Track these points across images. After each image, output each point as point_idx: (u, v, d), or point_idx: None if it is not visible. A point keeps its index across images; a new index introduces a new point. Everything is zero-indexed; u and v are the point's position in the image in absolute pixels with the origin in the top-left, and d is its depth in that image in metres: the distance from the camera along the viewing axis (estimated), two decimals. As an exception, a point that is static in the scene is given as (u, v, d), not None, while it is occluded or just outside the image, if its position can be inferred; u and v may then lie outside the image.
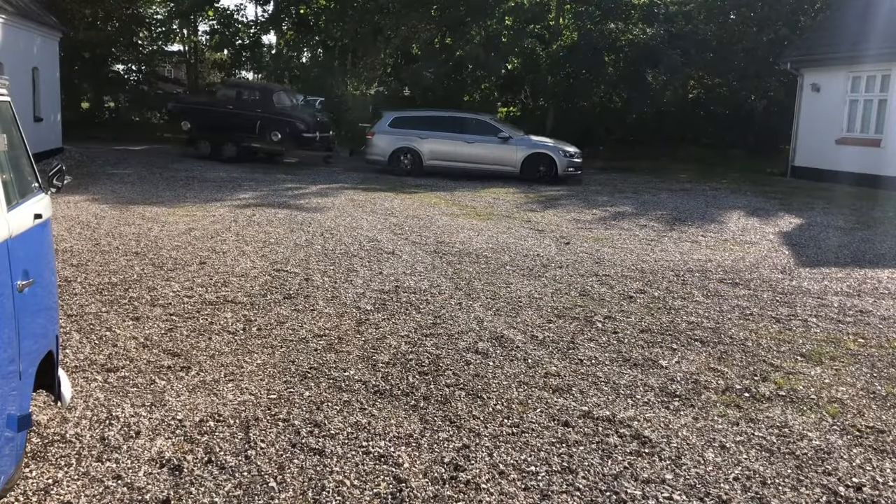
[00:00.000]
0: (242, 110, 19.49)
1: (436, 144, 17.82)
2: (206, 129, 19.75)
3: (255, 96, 19.92)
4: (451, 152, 17.76)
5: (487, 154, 17.68)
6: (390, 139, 18.04)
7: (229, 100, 19.93)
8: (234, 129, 19.47)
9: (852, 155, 18.07)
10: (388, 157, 18.01)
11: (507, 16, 28.89)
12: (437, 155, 17.85)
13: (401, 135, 18.04)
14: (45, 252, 3.76)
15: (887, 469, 3.88)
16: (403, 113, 19.24)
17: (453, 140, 17.77)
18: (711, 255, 9.36)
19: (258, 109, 19.46)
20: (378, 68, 28.04)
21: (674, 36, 26.35)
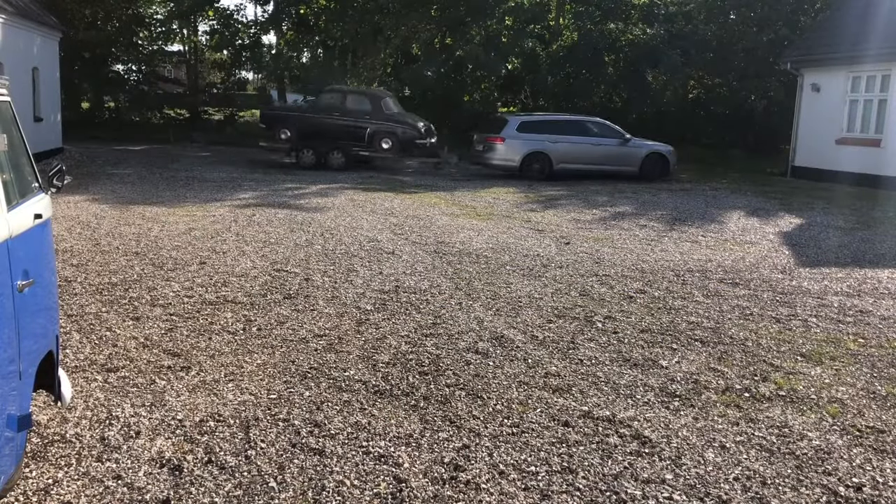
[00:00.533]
0: (350, 118, 18.67)
1: (565, 148, 17.86)
2: (308, 137, 18.83)
3: (363, 103, 18.99)
4: (579, 155, 17.94)
5: (611, 155, 18.08)
6: (521, 144, 17.82)
7: (334, 107, 19.00)
8: (341, 138, 18.76)
9: (852, 155, 18.07)
10: (519, 162, 17.84)
11: (507, 16, 28.90)
12: (566, 158, 17.91)
13: (531, 139, 17.88)
14: (45, 252, 3.76)
15: (887, 469, 3.88)
16: (530, 117, 19.10)
17: (581, 143, 17.97)
18: (711, 255, 9.36)
19: (367, 116, 18.66)
20: (378, 68, 28.04)
21: (674, 36, 26.37)
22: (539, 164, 17.86)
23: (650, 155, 18.28)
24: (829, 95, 18.92)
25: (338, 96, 19.40)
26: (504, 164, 18.07)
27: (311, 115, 19.10)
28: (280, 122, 19.21)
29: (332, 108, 19.04)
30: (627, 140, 18.27)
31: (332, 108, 19.08)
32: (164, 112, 31.78)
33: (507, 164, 17.98)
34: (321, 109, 19.14)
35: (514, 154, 17.83)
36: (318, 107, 19.29)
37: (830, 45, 19.05)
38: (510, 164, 17.95)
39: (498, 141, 17.93)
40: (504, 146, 17.88)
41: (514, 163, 17.86)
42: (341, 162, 18.81)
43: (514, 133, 17.91)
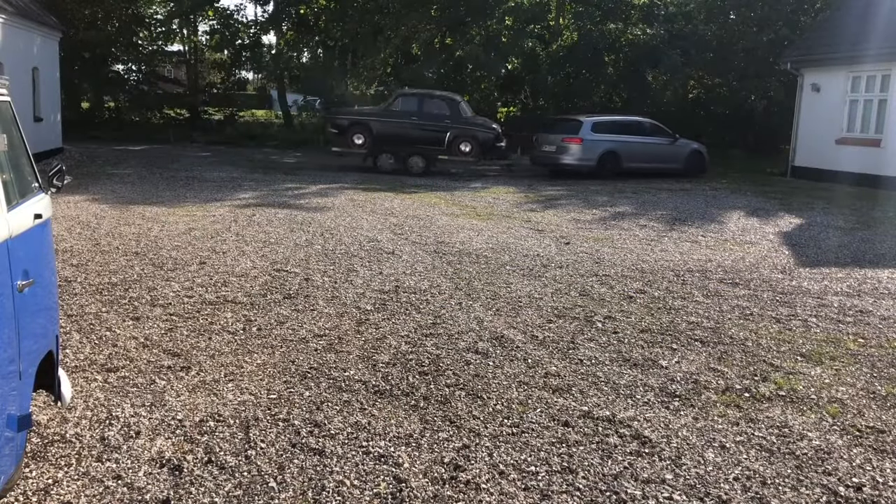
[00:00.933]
0: (429, 121, 18.49)
1: (630, 147, 18.68)
2: (385, 142, 18.60)
3: (441, 107, 18.77)
4: (641, 154, 18.81)
5: (663, 154, 19.12)
6: (596, 144, 18.41)
7: (411, 111, 18.69)
8: (419, 142, 18.57)
9: (852, 155, 18.07)
10: (596, 161, 18.43)
11: (507, 16, 28.90)
12: (631, 157, 18.64)
13: (604, 140, 18.52)
14: (45, 252, 3.76)
15: (887, 469, 3.88)
16: (600, 118, 19.65)
17: (641, 142, 18.94)
18: (711, 255, 9.36)
19: (446, 120, 18.53)
20: (378, 68, 28.05)
21: (674, 36, 26.37)
22: (611, 163, 18.49)
23: (692, 152, 19.41)
24: (829, 95, 18.91)
25: (415, 100, 18.95)
26: (581, 163, 18.51)
27: (387, 120, 18.63)
28: (354, 126, 18.70)
29: (408, 112, 18.69)
30: (676, 139, 19.35)
31: (408, 111, 18.71)
32: (164, 112, 31.78)
33: (585, 163, 18.46)
34: (397, 113, 18.71)
35: (591, 154, 18.39)
36: (396, 111, 18.78)
37: (830, 45, 19.04)
38: (587, 164, 18.45)
39: (576, 141, 18.45)
40: (581, 147, 18.42)
41: (592, 162, 18.43)
42: (421, 166, 18.60)
43: (590, 134, 18.50)
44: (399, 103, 18.87)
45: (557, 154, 18.74)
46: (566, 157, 18.64)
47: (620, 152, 18.54)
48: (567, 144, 18.55)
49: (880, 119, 17.72)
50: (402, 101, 18.90)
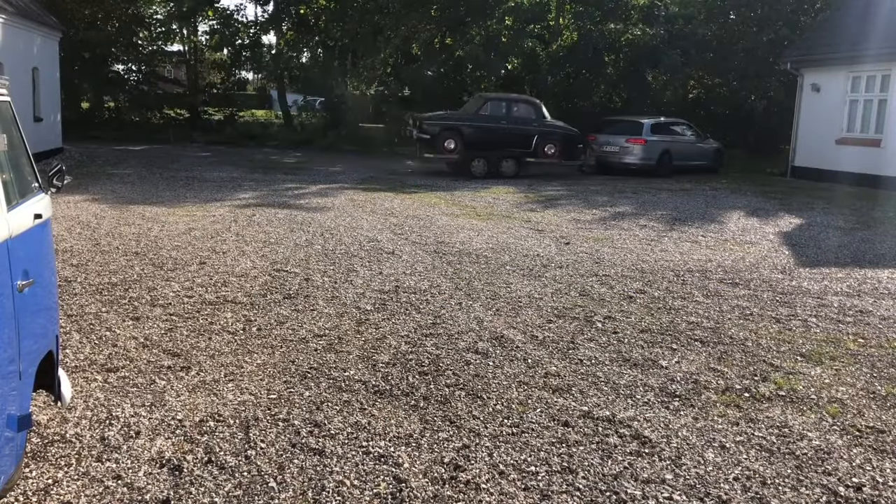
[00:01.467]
0: (517, 125, 18.68)
1: (677, 146, 20.10)
2: (477, 146, 18.46)
3: (528, 110, 19.14)
4: (684, 152, 20.19)
5: (697, 152, 20.69)
6: (656, 145, 19.59)
7: (501, 115, 18.81)
8: (508, 145, 18.63)
9: (852, 155, 18.07)
10: (656, 161, 19.48)
11: (507, 16, 28.90)
12: (678, 156, 19.95)
13: (660, 140, 19.76)
14: (45, 252, 3.76)
15: (887, 469, 3.88)
16: (655, 120, 20.68)
17: (684, 142, 20.49)
18: (711, 255, 9.36)
19: (533, 123, 18.82)
20: (378, 68, 28.06)
21: (674, 36, 26.37)
22: (667, 162, 19.63)
23: (716, 150, 21.15)
24: (829, 95, 18.92)
25: (503, 104, 19.08)
26: (642, 163, 19.54)
27: (479, 124, 18.54)
28: (446, 132, 18.37)
29: (497, 117, 18.76)
30: (705, 138, 21.13)
31: (497, 116, 18.79)
32: (164, 112, 31.76)
33: (646, 163, 19.50)
34: (487, 118, 18.69)
35: (652, 153, 19.48)
36: (483, 115, 18.73)
37: (830, 45, 19.04)
38: (648, 163, 19.48)
39: (640, 142, 19.51)
40: (644, 147, 19.50)
41: (652, 161, 19.47)
42: (513, 170, 18.61)
43: (651, 135, 19.65)
44: (488, 108, 18.81)
45: (621, 154, 19.77)
46: (629, 157, 19.69)
47: (673, 151, 19.81)
48: (632, 145, 19.59)
49: (880, 119, 17.72)
50: (490, 106, 18.88)
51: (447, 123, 18.47)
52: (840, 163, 18.28)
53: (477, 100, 19.85)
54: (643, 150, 19.44)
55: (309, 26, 30.65)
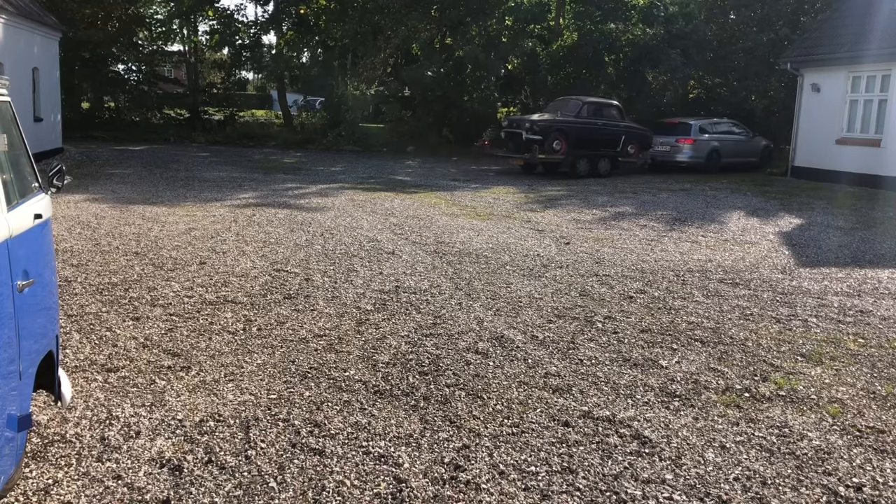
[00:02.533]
0: (608, 126, 19.48)
1: (724, 145, 21.36)
2: (579, 147, 19.15)
3: (613, 110, 20.02)
4: (732, 150, 21.50)
5: (746, 149, 21.97)
6: (705, 143, 20.96)
7: (597, 117, 19.59)
8: (602, 146, 19.47)
9: (852, 155, 18.07)
10: (705, 158, 20.88)
11: (507, 16, 28.91)
12: (726, 153, 21.30)
13: (708, 139, 21.09)
14: (45, 252, 3.76)
15: (887, 469, 3.88)
16: (702, 120, 22.06)
17: (731, 140, 21.67)
18: (711, 255, 9.36)
19: (620, 123, 19.76)
20: (378, 68, 28.06)
21: (674, 36, 26.35)
22: (715, 159, 21.00)
23: (765, 147, 22.48)
24: (829, 95, 18.91)
25: (595, 107, 19.81)
26: (692, 161, 20.88)
27: (580, 125, 19.13)
28: (555, 133, 18.81)
29: (594, 118, 19.50)
30: (753, 136, 22.23)
31: (594, 117, 19.53)
32: (164, 112, 31.76)
33: (695, 160, 20.83)
34: (586, 119, 19.31)
35: (701, 152, 20.87)
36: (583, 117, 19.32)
37: (830, 45, 19.04)
38: (697, 161, 20.84)
39: (689, 142, 20.84)
40: (693, 146, 20.86)
41: (702, 159, 20.86)
42: (608, 169, 19.58)
43: (699, 134, 20.98)
44: (585, 110, 19.45)
45: (672, 153, 20.99)
46: (680, 156, 20.97)
47: (720, 150, 21.15)
48: (682, 144, 20.90)
49: (880, 119, 17.71)
50: (587, 108, 19.53)
51: (555, 125, 18.92)
52: (840, 163, 18.27)
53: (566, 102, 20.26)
54: (691, 149, 20.78)
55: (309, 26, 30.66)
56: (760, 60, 24.46)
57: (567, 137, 18.94)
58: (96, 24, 28.53)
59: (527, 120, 19.31)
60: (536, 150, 18.69)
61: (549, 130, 18.79)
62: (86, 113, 31.19)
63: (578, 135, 19.07)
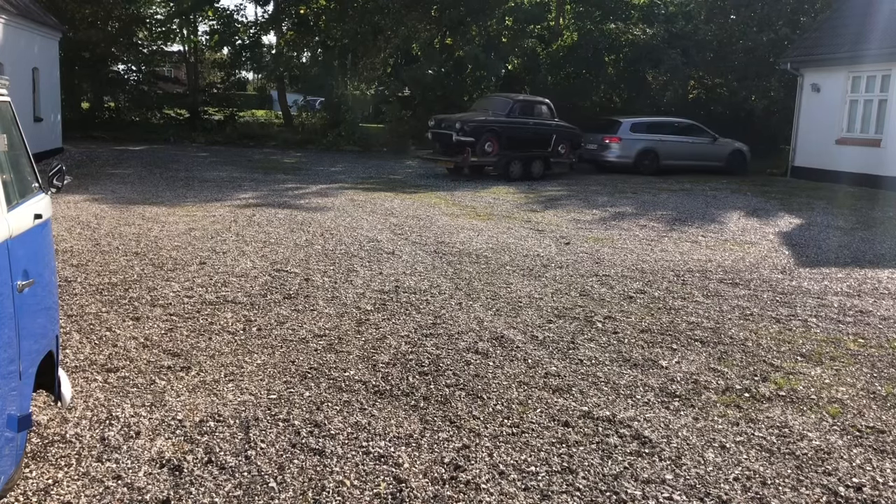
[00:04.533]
0: (539, 124, 18.41)
1: (669, 146, 20.07)
2: (511, 148, 17.93)
3: (546, 110, 18.82)
4: (680, 152, 20.23)
5: (704, 153, 20.58)
6: (634, 143, 19.79)
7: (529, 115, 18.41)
8: (534, 146, 18.33)
9: (852, 155, 18.07)
10: (633, 159, 19.78)
11: (507, 16, 28.91)
12: (670, 155, 20.03)
13: (641, 139, 19.90)
14: (45, 252, 3.76)
15: (887, 469, 3.88)
16: (639, 119, 20.89)
17: (681, 142, 20.33)
18: (711, 256, 9.36)
19: (552, 122, 18.69)
20: (378, 68, 28.06)
21: (674, 36, 26.36)
22: (649, 160, 19.83)
23: (733, 152, 20.87)
24: (829, 95, 18.91)
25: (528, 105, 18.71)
26: (619, 160, 19.87)
27: (512, 125, 17.93)
28: (487, 133, 17.57)
29: (525, 117, 18.29)
30: (716, 139, 20.79)
31: (526, 116, 18.32)
32: (164, 112, 31.74)
33: (622, 160, 19.80)
34: (517, 118, 18.10)
35: (628, 151, 19.73)
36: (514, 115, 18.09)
37: (830, 45, 19.04)
38: (625, 161, 19.79)
39: (615, 140, 19.75)
40: (619, 145, 19.75)
41: (629, 159, 19.76)
42: (541, 171, 18.34)
43: (628, 133, 19.84)
44: (517, 109, 18.24)
45: (598, 151, 20.07)
46: (607, 154, 20.05)
47: (659, 151, 19.87)
48: (608, 143, 19.93)
49: (880, 119, 17.72)
50: (518, 107, 18.35)
51: (487, 125, 17.57)
52: (840, 163, 18.28)
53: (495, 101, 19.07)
54: (618, 147, 19.68)
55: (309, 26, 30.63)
56: (760, 60, 24.46)
57: (499, 138, 17.72)
58: (96, 24, 28.52)
59: (456, 119, 17.81)
60: (469, 152, 17.38)
61: (480, 131, 17.47)
62: (86, 113, 31.17)
63: (510, 135, 17.84)
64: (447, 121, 18.08)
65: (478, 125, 17.53)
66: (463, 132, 17.36)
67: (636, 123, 20.24)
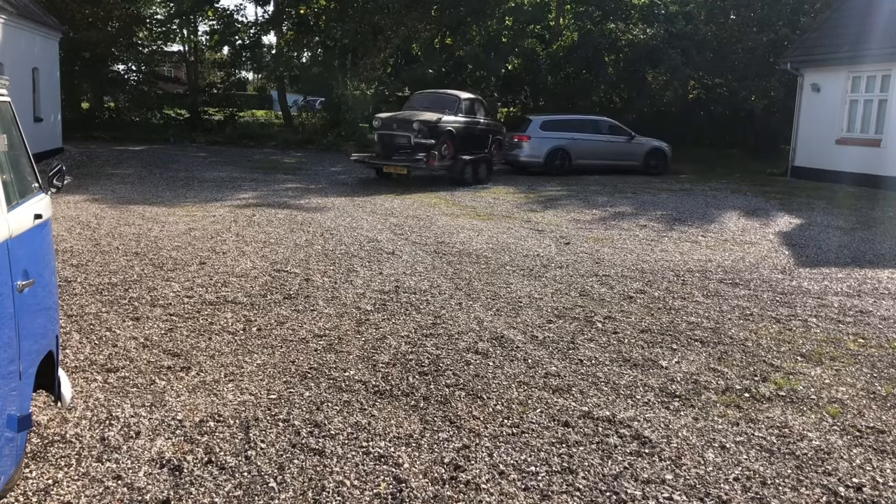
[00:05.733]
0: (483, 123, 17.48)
1: (582, 145, 19.36)
2: (463, 151, 16.50)
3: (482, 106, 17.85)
4: (593, 151, 19.53)
5: (619, 151, 19.87)
6: (544, 141, 19.00)
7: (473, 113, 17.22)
8: (478, 147, 17.20)
9: (852, 155, 18.07)
10: (544, 158, 18.98)
11: (507, 16, 28.93)
12: (583, 154, 19.36)
13: (553, 137, 19.14)
14: (45, 252, 3.76)
15: (887, 469, 3.88)
16: (550, 117, 20.21)
17: (595, 140, 19.62)
18: (711, 256, 9.36)
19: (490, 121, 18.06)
20: (378, 68, 28.05)
21: (674, 36, 26.37)
22: (560, 159, 19.13)
23: (651, 151, 20.13)
24: (829, 95, 18.91)
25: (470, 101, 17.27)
26: (530, 160, 19.14)
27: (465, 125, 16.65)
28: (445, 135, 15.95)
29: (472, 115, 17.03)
30: (632, 137, 20.02)
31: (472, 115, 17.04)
32: (164, 112, 31.74)
33: (533, 160, 19.06)
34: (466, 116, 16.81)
35: (539, 150, 18.97)
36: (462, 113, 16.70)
37: (830, 45, 19.04)
38: (535, 161, 19.04)
39: (524, 139, 18.96)
40: (529, 144, 18.94)
41: (539, 159, 18.98)
42: (486, 174, 17.20)
43: (538, 131, 19.13)
44: (465, 107, 16.94)
45: (511, 150, 19.30)
46: (519, 154, 19.28)
47: (571, 149, 19.13)
48: (518, 142, 19.16)
49: (880, 119, 17.71)
50: (465, 105, 17.02)
51: (445, 126, 15.97)
52: (840, 163, 18.27)
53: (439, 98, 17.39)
54: (528, 146, 18.82)
55: (309, 26, 30.63)
56: (760, 60, 24.47)
57: (454, 140, 16.17)
58: (96, 24, 28.52)
59: (413, 120, 15.90)
60: (435, 155, 15.52)
61: (439, 132, 15.72)
62: (86, 113, 31.17)
63: (463, 136, 16.46)
64: (399, 121, 16.20)
65: (436, 126, 15.77)
66: (422, 134, 15.68)
67: (547, 121, 19.47)
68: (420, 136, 15.70)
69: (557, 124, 19.56)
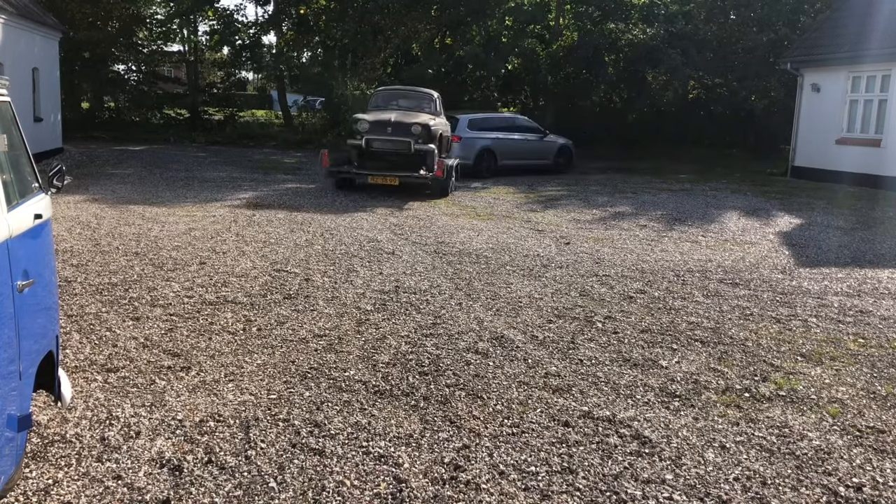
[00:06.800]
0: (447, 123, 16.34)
1: (505, 144, 18.71)
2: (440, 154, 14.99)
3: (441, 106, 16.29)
4: (514, 151, 18.92)
5: (535, 149, 19.44)
6: (473, 142, 18.15)
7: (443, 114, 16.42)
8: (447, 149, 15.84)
9: (852, 155, 18.07)
10: (473, 159, 18.07)
11: (507, 16, 28.93)
12: (506, 154, 18.71)
13: (481, 137, 18.38)
14: (45, 252, 3.76)
15: (887, 469, 3.88)
16: (476, 116, 19.29)
17: (515, 139, 19.03)
18: (711, 256, 9.36)
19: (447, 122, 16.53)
20: (378, 68, 28.04)
21: (674, 36, 26.36)
22: (487, 161, 18.38)
23: (561, 148, 19.96)
24: (829, 95, 18.91)
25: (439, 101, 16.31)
26: (462, 161, 17.19)
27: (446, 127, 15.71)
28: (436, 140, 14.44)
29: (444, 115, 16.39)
30: (546, 135, 19.75)
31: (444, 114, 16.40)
32: (164, 112, 31.74)
33: (463, 161, 17.35)
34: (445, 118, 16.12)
35: (469, 151, 17.93)
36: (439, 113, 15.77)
37: (830, 45, 19.04)
38: (465, 162, 17.46)
39: (455, 139, 17.31)
40: (459, 144, 17.57)
41: (469, 160, 17.89)
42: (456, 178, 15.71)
43: (467, 131, 18.19)
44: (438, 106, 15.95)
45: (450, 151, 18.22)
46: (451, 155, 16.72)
47: (496, 150, 18.48)
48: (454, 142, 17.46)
49: (880, 119, 17.71)
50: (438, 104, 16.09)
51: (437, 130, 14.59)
52: (840, 163, 18.27)
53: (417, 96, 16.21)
54: (458, 148, 17.29)
55: (309, 26, 30.63)
56: (760, 60, 24.46)
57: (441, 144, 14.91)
58: (96, 24, 28.51)
59: (411, 123, 14.08)
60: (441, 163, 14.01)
61: (433, 136, 14.19)
62: (86, 113, 31.17)
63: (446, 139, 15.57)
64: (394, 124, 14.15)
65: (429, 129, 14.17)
66: (422, 139, 14.01)
67: (473, 120, 18.54)
68: (420, 141, 14.02)
69: (483, 123, 18.72)
